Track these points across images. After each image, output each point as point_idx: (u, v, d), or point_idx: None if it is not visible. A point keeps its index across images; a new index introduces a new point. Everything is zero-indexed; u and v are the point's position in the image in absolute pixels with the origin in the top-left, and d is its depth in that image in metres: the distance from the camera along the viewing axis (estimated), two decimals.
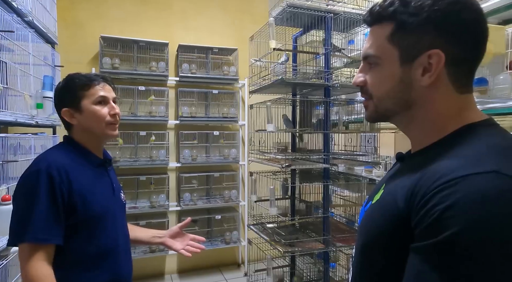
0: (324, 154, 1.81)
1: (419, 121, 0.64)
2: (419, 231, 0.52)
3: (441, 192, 0.50)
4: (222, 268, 3.64)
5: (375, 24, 0.65)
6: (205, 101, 3.58)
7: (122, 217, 1.23)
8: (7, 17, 1.90)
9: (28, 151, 2.20)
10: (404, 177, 0.62)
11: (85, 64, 3.24)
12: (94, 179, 1.13)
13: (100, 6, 3.28)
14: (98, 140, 1.20)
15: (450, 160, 0.55)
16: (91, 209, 1.08)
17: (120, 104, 3.27)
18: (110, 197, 1.18)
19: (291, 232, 1.97)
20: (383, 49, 0.63)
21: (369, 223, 0.66)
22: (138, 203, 3.32)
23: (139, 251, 3.24)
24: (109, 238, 1.13)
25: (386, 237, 0.59)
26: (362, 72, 0.69)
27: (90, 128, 1.15)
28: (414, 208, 0.54)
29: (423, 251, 0.50)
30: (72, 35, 3.18)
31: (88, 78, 1.16)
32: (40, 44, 2.40)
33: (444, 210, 0.48)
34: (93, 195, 1.09)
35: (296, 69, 2.06)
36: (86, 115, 1.14)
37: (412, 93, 0.62)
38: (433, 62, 0.59)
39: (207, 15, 3.63)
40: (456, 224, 0.47)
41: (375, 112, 0.68)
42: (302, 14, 1.81)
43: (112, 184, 1.21)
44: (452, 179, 0.50)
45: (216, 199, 3.56)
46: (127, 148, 3.30)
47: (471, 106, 0.63)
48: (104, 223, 1.12)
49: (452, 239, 0.47)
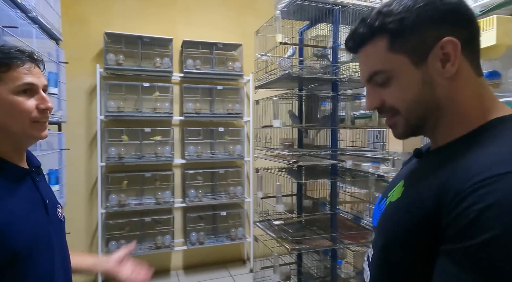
0: (332, 150, 1.78)
1: (448, 116, 0.61)
2: (452, 232, 0.48)
3: (477, 191, 0.47)
4: (227, 264, 3.63)
5: (363, 46, 0.63)
6: (209, 97, 3.55)
7: (60, 241, 0.96)
8: (11, 13, 1.89)
9: (33, 148, 2.20)
10: (429, 174, 0.58)
11: (89, 60, 3.22)
12: (14, 201, 0.82)
13: (103, 1, 3.26)
14: (17, 143, 0.87)
15: (483, 156, 0.52)
16: (12, 245, 0.77)
17: (125, 100, 3.26)
18: (42, 219, 0.89)
19: (298, 229, 1.95)
20: (390, 61, 0.60)
21: (390, 223, 0.62)
22: (143, 200, 3.31)
23: (144, 247, 3.24)
24: (41, 279, 0.84)
25: (412, 237, 0.56)
26: (372, 95, 0.65)
27: (6, 126, 0.83)
28: (445, 208, 0.50)
29: (457, 254, 0.47)
30: (76, 31, 3.16)
31: (6, 53, 0.81)
32: (44, 40, 2.38)
33: (482, 211, 0.45)
34: (13, 225, 0.78)
35: (303, 63, 2.03)
36: (0, 108, 0.81)
37: (438, 90, 0.59)
38: (449, 50, 0.57)
39: (211, 10, 3.59)
40: (497, 226, 0.44)
41: (407, 125, 0.63)
42: (309, 6, 1.77)
43: (43, 200, 0.91)
44: (490, 177, 0.47)
45: (221, 195, 3.55)
46: (132, 145, 3.29)
47: (489, 92, 0.61)
48: (34, 259, 0.83)
49: (492, 242, 0.44)
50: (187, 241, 3.39)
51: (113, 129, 3.20)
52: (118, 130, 3.21)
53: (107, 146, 3.16)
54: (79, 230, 3.21)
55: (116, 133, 3.21)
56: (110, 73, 3.21)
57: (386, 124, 0.68)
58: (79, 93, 3.20)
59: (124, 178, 3.24)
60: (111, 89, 3.21)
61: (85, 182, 3.25)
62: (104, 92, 3.15)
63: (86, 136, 3.25)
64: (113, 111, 3.14)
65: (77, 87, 3.17)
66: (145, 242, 3.30)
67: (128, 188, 3.26)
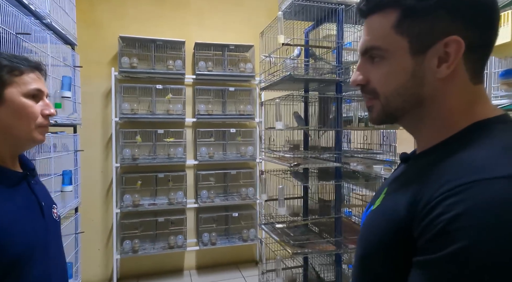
0: (336, 153, 1.74)
1: (430, 118, 0.57)
2: (422, 243, 0.46)
3: (447, 200, 0.44)
4: (239, 265, 3.64)
5: (374, 13, 0.58)
6: (221, 98, 3.57)
7: (56, 242, 0.98)
8: (25, 20, 1.97)
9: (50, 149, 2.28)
10: (407, 180, 0.56)
11: (105, 64, 3.32)
12: (11, 206, 0.83)
13: (119, 7, 3.35)
14: (16, 147, 0.89)
15: (457, 162, 0.49)
16: (11, 251, 0.78)
17: (139, 103, 3.33)
18: (39, 223, 0.90)
19: (302, 233, 1.92)
20: (390, 40, 0.55)
21: (368, 232, 0.60)
22: (157, 200, 3.37)
23: (158, 247, 3.30)
24: (39, 280, 0.86)
25: (387, 248, 0.53)
26: (361, 70, 0.61)
27: (11, 129, 0.85)
28: (416, 217, 0.48)
29: (426, 266, 0.45)
30: (93, 35, 3.26)
31: (19, 59, 0.87)
32: (59, 45, 2.47)
33: (450, 220, 0.43)
34: (11, 231, 0.79)
35: (308, 64, 2.00)
36: (9, 109, 0.83)
37: (425, 88, 0.55)
38: (451, 51, 0.52)
39: (223, 12, 3.61)
40: (466, 237, 0.41)
41: (382, 112, 0.60)
42: (311, 7, 1.74)
43: (39, 203, 0.92)
44: (460, 184, 0.45)
45: (233, 196, 3.56)
46: (146, 146, 3.36)
47: (484, 99, 0.57)
48: (31, 264, 0.83)
49: (460, 254, 0.41)
50: (200, 242, 3.42)
51: (128, 131, 3.28)
52: (132, 131, 3.29)
53: (121, 147, 3.24)
54: (96, 229, 3.31)
55: (130, 134, 3.29)
56: (124, 76, 3.29)
57: (366, 105, 0.65)
58: (95, 96, 3.30)
59: (138, 178, 3.31)
60: (126, 91, 3.29)
61: (102, 183, 3.35)
62: (119, 94, 3.24)
63: (102, 137, 3.34)
64: (128, 113, 3.22)
65: (94, 90, 3.28)
66: (159, 242, 3.36)
67: (142, 188, 3.33)
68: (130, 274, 3.39)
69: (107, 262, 3.34)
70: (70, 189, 2.41)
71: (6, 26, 1.72)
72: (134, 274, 3.40)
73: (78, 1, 2.88)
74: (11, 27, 1.78)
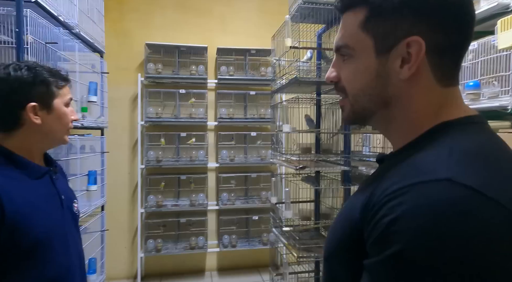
0: (344, 156, 1.70)
1: (397, 120, 0.56)
2: (368, 245, 0.46)
3: (388, 203, 0.44)
4: (260, 268, 3.64)
5: (347, 10, 0.57)
6: (243, 102, 3.62)
7: (75, 234, 1.09)
8: (54, 30, 2.13)
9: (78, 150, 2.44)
10: (367, 182, 0.56)
11: (132, 70, 3.49)
12: (34, 196, 0.95)
13: (146, 16, 3.51)
14: (48, 146, 1.08)
15: (407, 164, 0.49)
16: (33, 235, 0.90)
17: (163, 107, 3.47)
18: (58, 213, 1.02)
19: (312, 237, 1.89)
20: (356, 39, 0.55)
21: (331, 233, 0.60)
22: (179, 201, 3.47)
23: (180, 247, 3.39)
24: (59, 266, 0.96)
25: (345, 250, 0.53)
26: (335, 67, 0.61)
27: (53, 132, 1.02)
28: (365, 220, 0.48)
29: (369, 269, 0.45)
30: (121, 43, 3.45)
31: (61, 75, 1.04)
32: (87, 53, 2.64)
33: (388, 224, 0.43)
34: (34, 217, 0.92)
35: (320, 67, 1.98)
36: (55, 116, 1.00)
37: (390, 89, 0.54)
38: (412, 51, 0.51)
39: (245, 17, 3.66)
40: (400, 241, 0.41)
41: (351, 112, 0.59)
42: (319, 9, 1.73)
43: (59, 196, 1.04)
44: (400, 188, 0.44)
45: (254, 199, 3.57)
46: (169, 149, 3.48)
47: (455, 101, 0.55)
48: (51, 249, 0.94)
49: (394, 257, 0.41)
50: (220, 243, 3.47)
51: (152, 134, 3.42)
52: (157, 134, 3.42)
53: (147, 150, 3.38)
54: (122, 228, 3.46)
55: (155, 137, 3.42)
56: (150, 81, 3.44)
57: (339, 105, 0.65)
58: (123, 100, 3.47)
59: (162, 180, 3.43)
60: (151, 96, 3.43)
61: (128, 183, 3.50)
62: (144, 99, 3.38)
63: (130, 140, 3.51)
64: (153, 117, 3.35)
65: (122, 95, 3.45)
66: (181, 242, 3.45)
67: (165, 189, 3.45)
68: (154, 272, 3.51)
69: (132, 260, 3.49)
70: (94, 189, 2.55)
71: (38, 36, 1.88)
72: (157, 272, 3.51)
73: (108, 12, 3.07)
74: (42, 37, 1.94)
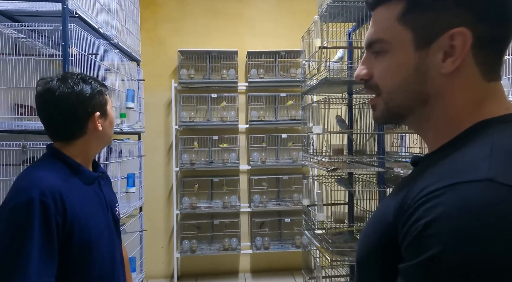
0: (379, 157, 1.66)
1: (436, 118, 0.53)
2: (403, 249, 0.45)
3: (424, 205, 0.43)
4: (293, 271, 3.61)
5: (380, 5, 0.56)
6: (273, 104, 3.62)
7: (118, 236, 1.15)
8: (95, 42, 2.26)
9: (118, 155, 2.57)
10: (401, 184, 0.54)
11: (166, 77, 3.61)
12: (87, 200, 1.02)
13: (178, 23, 3.63)
14: (99, 149, 1.14)
15: (444, 165, 0.47)
16: (86, 236, 0.97)
17: (196, 111, 3.56)
18: (106, 216, 1.09)
19: (346, 240, 1.85)
20: (393, 32, 0.53)
21: (364, 237, 0.59)
22: (212, 203, 3.54)
23: (214, 248, 3.45)
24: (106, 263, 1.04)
25: (378, 255, 0.52)
26: (366, 64, 0.59)
27: (107, 136, 1.09)
28: (400, 223, 0.47)
29: (405, 274, 0.44)
30: (156, 51, 3.58)
31: (103, 83, 1.10)
32: (125, 62, 2.78)
33: (424, 227, 0.41)
34: (87, 220, 0.98)
35: (352, 66, 1.94)
36: (109, 121, 1.08)
37: (429, 84, 0.51)
38: (456, 44, 0.48)
39: (274, 20, 3.68)
40: (438, 244, 0.39)
41: (386, 111, 0.57)
42: (349, 7, 1.70)
43: (105, 200, 1.10)
44: (437, 189, 0.42)
45: (286, 201, 3.56)
46: (202, 152, 3.56)
47: (498, 97, 0.52)
48: (100, 249, 1.01)
49: (432, 261, 0.40)
50: (253, 245, 3.49)
51: (186, 138, 3.51)
52: (190, 138, 3.51)
53: (181, 153, 3.48)
54: (159, 229, 3.59)
55: (188, 141, 3.52)
56: (183, 86, 3.54)
57: (370, 104, 0.62)
58: (158, 106, 3.61)
59: (195, 182, 3.52)
60: (184, 101, 3.54)
61: (164, 186, 3.63)
62: (178, 104, 3.49)
63: (165, 144, 3.63)
64: (186, 121, 3.45)
65: (157, 101, 3.59)
66: (214, 244, 3.51)
67: (199, 191, 3.53)
68: (190, 272, 3.59)
69: (169, 260, 3.59)
70: (133, 191, 2.66)
71: (81, 48, 2.01)
72: (193, 272, 3.59)
73: (144, 21, 3.21)
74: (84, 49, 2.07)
